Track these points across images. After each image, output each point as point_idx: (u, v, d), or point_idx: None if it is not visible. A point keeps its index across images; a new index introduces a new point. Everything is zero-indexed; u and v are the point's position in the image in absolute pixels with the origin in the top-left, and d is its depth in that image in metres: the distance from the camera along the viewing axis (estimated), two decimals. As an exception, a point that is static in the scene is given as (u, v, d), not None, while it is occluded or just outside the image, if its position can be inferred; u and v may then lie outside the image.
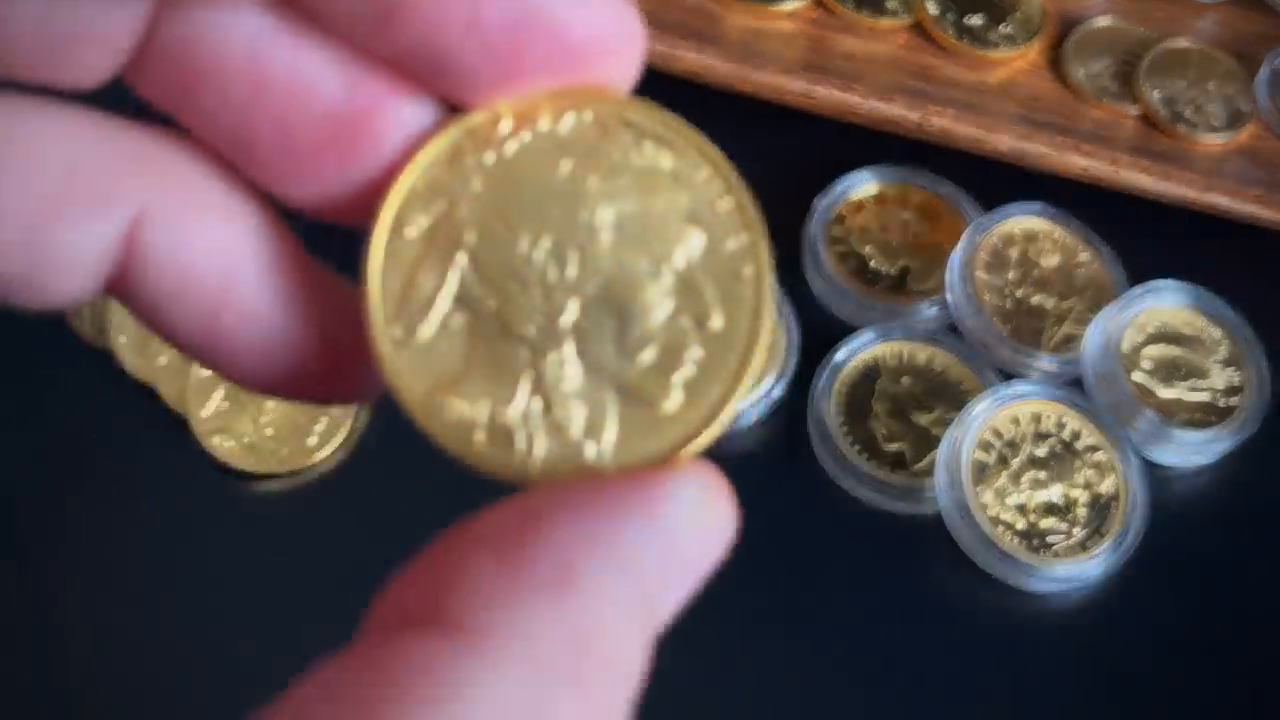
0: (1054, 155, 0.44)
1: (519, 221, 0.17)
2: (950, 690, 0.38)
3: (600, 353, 0.16)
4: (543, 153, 0.17)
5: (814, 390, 0.41)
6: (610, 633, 0.14)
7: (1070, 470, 0.40)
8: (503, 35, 0.16)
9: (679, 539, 0.15)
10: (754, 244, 0.17)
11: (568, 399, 0.16)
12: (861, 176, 0.45)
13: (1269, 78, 0.47)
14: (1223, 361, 0.43)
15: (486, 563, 0.14)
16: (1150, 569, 0.39)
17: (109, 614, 0.38)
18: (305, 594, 0.38)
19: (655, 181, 0.17)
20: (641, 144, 0.17)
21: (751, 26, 0.47)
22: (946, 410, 0.41)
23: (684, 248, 0.17)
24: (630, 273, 0.17)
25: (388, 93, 0.17)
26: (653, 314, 0.17)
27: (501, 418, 0.16)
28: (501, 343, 0.16)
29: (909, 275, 0.44)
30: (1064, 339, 0.43)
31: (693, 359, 0.17)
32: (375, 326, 0.16)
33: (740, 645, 0.38)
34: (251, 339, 0.17)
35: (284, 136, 0.17)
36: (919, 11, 0.47)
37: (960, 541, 0.39)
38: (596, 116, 0.17)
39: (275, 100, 0.17)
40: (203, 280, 0.17)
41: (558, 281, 0.17)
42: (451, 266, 0.17)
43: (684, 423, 0.16)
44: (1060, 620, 0.39)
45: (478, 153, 0.17)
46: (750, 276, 0.17)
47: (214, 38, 0.16)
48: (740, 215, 0.17)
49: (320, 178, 0.17)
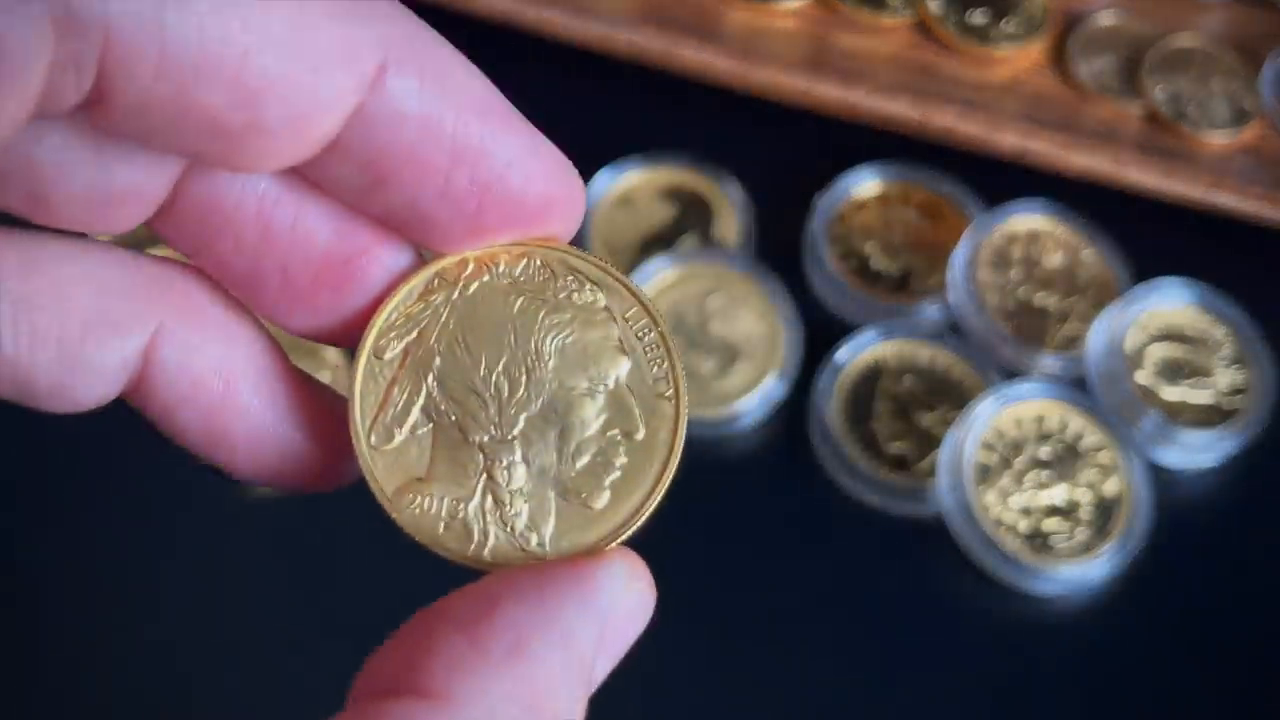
0: (1057, 153, 0.44)
1: (478, 347, 0.20)
2: (952, 692, 0.38)
3: (543, 458, 0.20)
4: (500, 291, 0.21)
5: (815, 390, 0.41)
6: (555, 694, 0.18)
7: (1074, 471, 0.40)
8: (470, 199, 0.20)
9: (609, 615, 0.18)
10: (672, 369, 0.20)
11: (515, 497, 0.20)
12: (863, 175, 0.45)
13: (1273, 76, 0.46)
14: (1227, 361, 0.42)
15: (454, 639, 0.17)
16: (1154, 571, 0.39)
17: (108, 613, 0.38)
18: (304, 594, 0.38)
19: (592, 316, 0.21)
20: (583, 285, 0.21)
21: (753, 24, 0.47)
22: (949, 410, 0.41)
23: (615, 371, 0.20)
24: (570, 392, 0.20)
25: (372, 241, 0.20)
26: (588, 427, 0.20)
27: (460, 513, 0.20)
28: (460, 449, 0.20)
29: (911, 274, 0.44)
30: (1067, 338, 0.43)
31: (620, 465, 0.20)
32: (356, 433, 0.20)
33: (741, 645, 0.38)
34: (247, 437, 0.21)
35: (286, 278, 0.20)
36: (921, 9, 0.47)
37: (962, 543, 0.39)
38: (544, 262, 0.21)
39: (279, 248, 0.20)
40: (207, 388, 0.20)
41: (509, 398, 0.20)
42: (420, 384, 0.20)
43: (612, 518, 0.20)
44: (1063, 622, 0.39)
45: (446, 290, 0.21)
46: (669, 396, 0.20)
47: (231, 196, 0.20)
48: (662, 344, 0.21)
49: (316, 311, 0.21)
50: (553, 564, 0.19)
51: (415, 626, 0.18)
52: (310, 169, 0.19)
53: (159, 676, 0.37)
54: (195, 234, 0.20)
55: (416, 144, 0.19)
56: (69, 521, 0.39)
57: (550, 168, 0.20)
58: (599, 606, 0.18)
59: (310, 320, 0.21)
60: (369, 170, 0.19)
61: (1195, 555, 0.40)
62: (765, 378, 0.41)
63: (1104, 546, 0.39)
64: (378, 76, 0.18)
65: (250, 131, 0.18)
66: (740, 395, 0.41)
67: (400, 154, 0.19)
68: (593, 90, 0.47)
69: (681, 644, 0.38)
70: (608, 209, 0.45)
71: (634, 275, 0.42)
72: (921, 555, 0.40)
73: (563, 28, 0.45)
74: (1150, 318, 0.43)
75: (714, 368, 0.42)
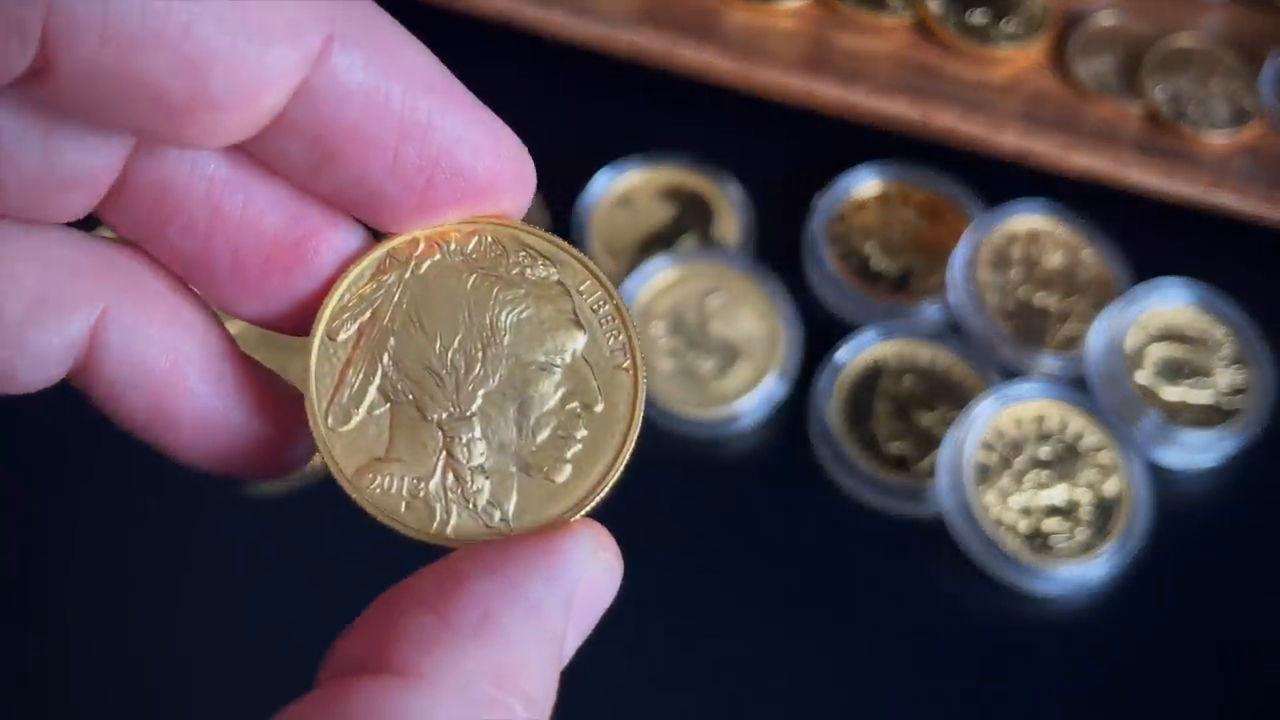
0: (1057, 153, 0.44)
1: (433, 325, 0.20)
2: (952, 693, 0.38)
3: (503, 434, 0.20)
4: (452, 268, 0.21)
5: (815, 390, 0.41)
6: (526, 666, 0.18)
7: (1073, 471, 0.40)
8: (419, 174, 0.20)
9: (577, 586, 0.19)
10: (629, 340, 0.21)
11: (476, 474, 0.20)
12: (863, 175, 0.45)
13: (1273, 76, 0.46)
14: (1227, 361, 0.42)
15: (422, 616, 0.17)
16: (1154, 571, 0.39)
17: (107, 612, 0.38)
18: (303, 593, 0.38)
19: (546, 291, 0.21)
20: (535, 261, 0.21)
21: (753, 24, 0.47)
22: (948, 410, 0.41)
23: (571, 345, 0.20)
24: (527, 367, 0.20)
25: (323, 223, 0.20)
26: (547, 401, 0.20)
27: (421, 491, 0.20)
28: (419, 427, 0.20)
29: (911, 274, 0.44)
30: (1067, 338, 0.43)
31: (580, 437, 0.20)
32: (314, 416, 0.20)
33: (741, 645, 0.38)
34: (193, 421, 0.21)
35: (236, 261, 0.20)
36: (921, 9, 0.47)
37: (962, 543, 0.39)
38: (496, 238, 0.21)
39: (229, 231, 0.20)
40: (153, 371, 0.20)
41: (466, 375, 0.20)
42: (376, 364, 0.20)
43: (574, 491, 0.20)
44: (1063, 622, 0.39)
45: (398, 270, 0.21)
46: (627, 367, 0.20)
47: (180, 179, 0.20)
48: (618, 316, 0.21)
49: (266, 296, 0.21)
50: (518, 538, 0.19)
51: (382, 606, 0.18)
52: (258, 146, 0.19)
53: (157, 674, 0.37)
54: (144, 219, 0.20)
55: (364, 119, 0.19)
56: (66, 521, 0.39)
57: (499, 144, 0.20)
58: (566, 578, 0.18)
59: (261, 305, 0.21)
60: (317, 146, 0.19)
61: (1195, 555, 0.40)
62: (765, 378, 0.41)
63: (1104, 546, 0.39)
64: (324, 50, 0.18)
65: (195, 104, 0.18)
66: (740, 395, 0.41)
67: (347, 129, 0.19)
68: (593, 90, 0.47)
69: (681, 643, 0.38)
70: (608, 209, 0.45)
71: (634, 275, 0.42)
72: (921, 555, 0.40)
73: (563, 28, 0.45)
74: (1150, 318, 0.43)
75: (714, 368, 0.42)
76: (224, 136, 0.18)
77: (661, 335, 0.42)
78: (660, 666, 0.38)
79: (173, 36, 0.17)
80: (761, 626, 0.39)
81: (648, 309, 0.42)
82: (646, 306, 0.42)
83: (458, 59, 0.55)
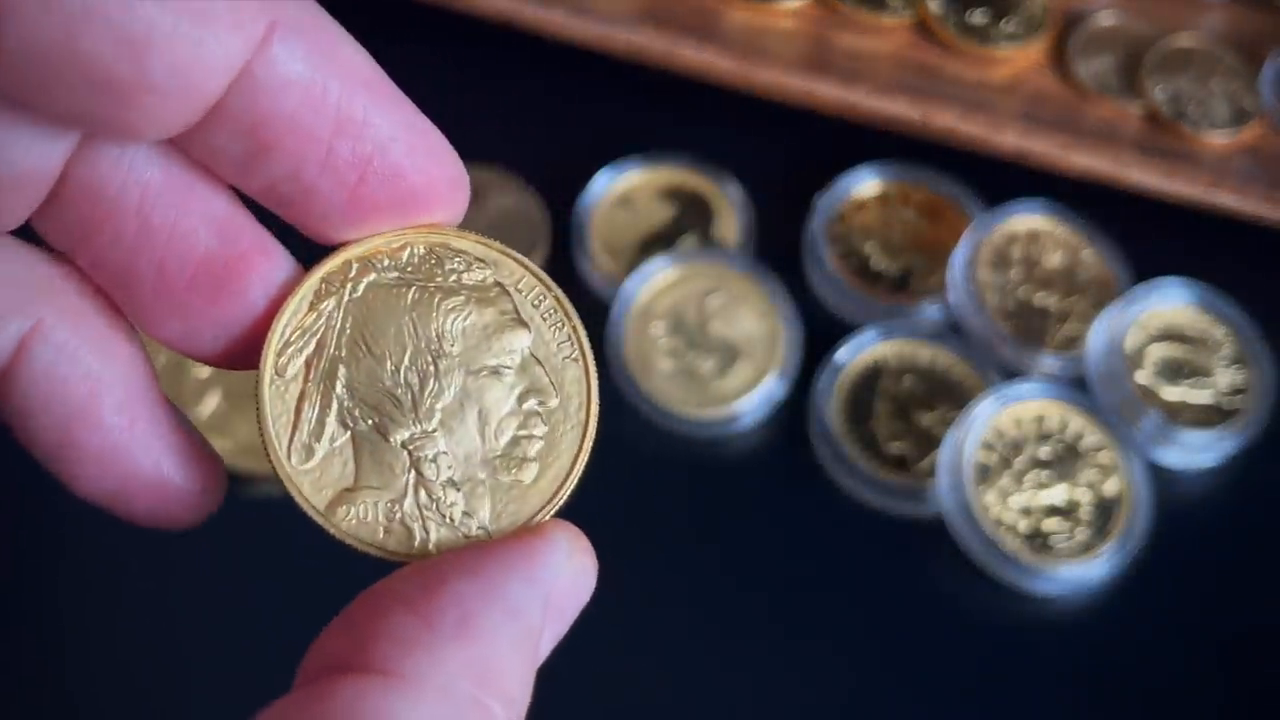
0: (1057, 153, 0.44)
1: (380, 346, 0.20)
2: (952, 692, 0.38)
3: (466, 444, 0.20)
4: (389, 286, 0.21)
5: (815, 390, 0.41)
6: (505, 665, 0.18)
7: (1073, 471, 0.40)
8: (351, 171, 0.20)
9: (553, 587, 0.19)
10: (574, 330, 0.21)
11: (447, 487, 0.20)
12: (863, 175, 0.45)
13: (1273, 76, 0.46)
14: (1227, 361, 0.42)
15: (403, 616, 0.18)
16: (1154, 571, 0.39)
17: (104, 614, 0.38)
18: (301, 595, 0.38)
19: (486, 294, 0.21)
20: (470, 265, 0.21)
21: (753, 24, 0.47)
22: (948, 410, 0.41)
23: (518, 344, 0.21)
24: (479, 374, 0.20)
25: (253, 249, 0.20)
26: (504, 404, 0.20)
27: (397, 514, 0.20)
28: (383, 451, 0.20)
29: (911, 274, 0.44)
30: (1067, 338, 0.43)
31: (541, 434, 0.20)
32: (275, 456, 0.20)
33: (741, 645, 0.38)
34: (98, 455, 0.20)
35: (160, 278, 0.20)
36: (921, 9, 0.47)
37: (962, 543, 0.39)
38: (428, 248, 0.21)
39: (157, 246, 0.20)
40: (71, 395, 0.20)
41: (421, 392, 0.20)
42: (330, 395, 0.20)
43: (544, 488, 0.20)
44: (1063, 622, 0.39)
45: (335, 295, 0.20)
46: (575, 357, 0.21)
47: (113, 186, 0.20)
48: (559, 309, 0.21)
49: (187, 318, 0.20)
50: (495, 541, 0.19)
51: (360, 607, 0.18)
52: (194, 138, 0.19)
53: (154, 675, 0.37)
54: (75, 227, 0.20)
55: (300, 110, 0.19)
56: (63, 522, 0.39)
57: (433, 147, 0.20)
58: (544, 578, 0.19)
59: (180, 328, 0.21)
60: (252, 137, 0.19)
61: (1195, 555, 0.40)
62: (765, 378, 0.41)
63: (1104, 546, 0.39)
64: (265, 38, 0.18)
65: (137, 86, 0.17)
66: (740, 395, 0.41)
67: (283, 120, 0.19)
68: (593, 90, 0.47)
69: (681, 643, 0.38)
70: (608, 209, 0.45)
71: (634, 275, 0.42)
72: (921, 555, 0.40)
73: (563, 28, 0.45)
74: (1150, 318, 0.43)
75: (714, 368, 0.42)
76: (164, 124, 0.18)
77: (661, 335, 0.42)
78: (660, 666, 0.38)
79: (116, 13, 0.17)
80: (762, 627, 0.39)
81: (648, 309, 0.42)
82: (646, 306, 0.42)
83: (458, 59, 0.55)
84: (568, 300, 0.21)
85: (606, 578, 0.41)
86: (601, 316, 0.42)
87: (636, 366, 0.41)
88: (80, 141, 0.19)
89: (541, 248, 0.44)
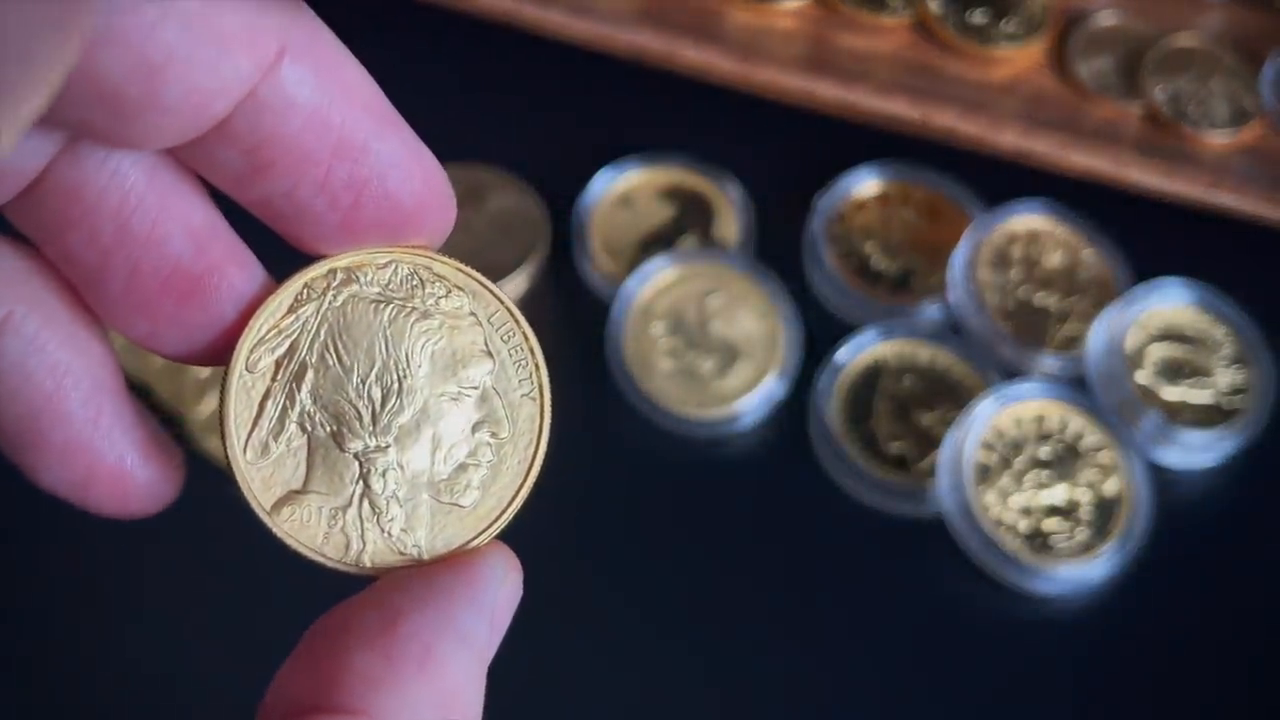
0: (1057, 153, 0.44)
1: (350, 357, 0.21)
2: (951, 692, 0.38)
3: (416, 463, 0.20)
4: (368, 300, 0.21)
5: (815, 390, 0.41)
6: (463, 691, 0.19)
7: (1073, 471, 0.40)
8: (347, 193, 0.20)
9: (495, 608, 0.20)
10: (536, 369, 0.21)
11: (391, 502, 0.20)
12: (863, 175, 0.45)
13: (1273, 76, 0.46)
14: (1227, 361, 0.42)
15: (366, 655, 0.18)
16: (1154, 571, 0.39)
17: (103, 614, 0.38)
18: (299, 595, 0.38)
19: (459, 322, 0.21)
20: (449, 291, 0.21)
21: (753, 24, 0.47)
22: (948, 410, 0.41)
23: (481, 375, 0.21)
24: (440, 398, 0.21)
25: (227, 259, 0.21)
26: (458, 430, 0.21)
27: (339, 521, 0.20)
28: (336, 459, 0.20)
29: (911, 274, 0.44)
30: (1067, 338, 0.43)
31: (488, 463, 0.21)
32: (231, 447, 0.20)
33: (741, 645, 0.38)
34: (61, 447, 0.21)
35: (132, 278, 0.20)
36: (921, 9, 0.47)
37: (962, 543, 0.39)
38: (412, 269, 0.21)
39: (131, 249, 0.20)
40: (38, 387, 0.20)
41: (382, 407, 0.20)
42: (294, 397, 0.20)
43: (483, 515, 0.21)
44: (1063, 622, 0.39)
45: (315, 301, 0.21)
46: (533, 396, 0.21)
47: (95, 187, 0.20)
48: (525, 346, 0.21)
49: (156, 319, 0.20)
50: (438, 566, 0.20)
51: (320, 644, 0.19)
52: (193, 150, 0.19)
53: (153, 676, 0.37)
54: (50, 220, 0.20)
55: (303, 133, 0.19)
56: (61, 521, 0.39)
57: (427, 173, 0.21)
58: (487, 601, 0.19)
59: (147, 328, 0.21)
60: (253, 156, 0.19)
61: (1195, 555, 0.40)
62: (765, 378, 0.41)
63: (1104, 546, 0.39)
64: (274, 62, 0.19)
65: (146, 106, 0.18)
66: (740, 395, 0.41)
67: (285, 142, 0.19)
68: (593, 90, 0.47)
69: (681, 643, 0.38)
70: (608, 209, 0.45)
71: (634, 275, 0.42)
72: (921, 555, 0.40)
73: (563, 28, 0.45)
74: (1150, 318, 0.43)
75: (714, 368, 0.42)
76: (165, 139, 0.19)
77: (661, 335, 0.42)
78: (660, 666, 0.38)
79: (136, 37, 0.17)
80: (761, 626, 0.39)
81: (648, 309, 0.42)
82: (646, 306, 0.42)
83: (458, 59, 0.55)
84: (534, 338, 0.21)
85: (607, 578, 0.41)
86: (601, 316, 0.42)
87: (636, 366, 0.41)
88: (67, 141, 0.19)
89: (541, 248, 0.44)
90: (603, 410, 0.41)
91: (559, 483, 0.40)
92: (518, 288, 0.43)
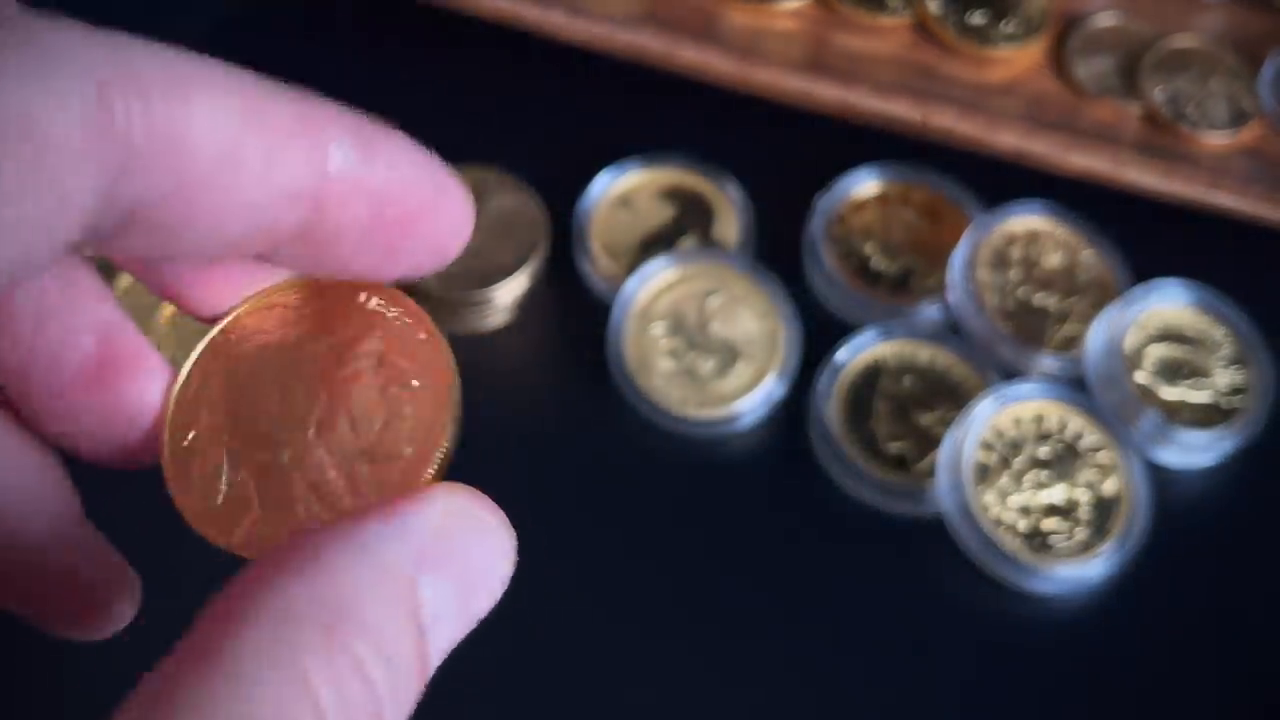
0: (1056, 154, 0.44)
1: (260, 390, 0.22)
2: (951, 693, 0.38)
3: (346, 444, 0.21)
4: (259, 344, 0.22)
5: (815, 390, 0.41)
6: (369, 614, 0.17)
7: (1073, 471, 0.40)
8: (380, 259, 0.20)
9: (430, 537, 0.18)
10: (415, 315, 0.22)
11: (335, 486, 0.21)
12: (863, 175, 0.45)
13: (1273, 76, 0.47)
14: (1226, 361, 0.42)
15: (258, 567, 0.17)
16: (1153, 571, 0.39)
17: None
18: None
19: (331, 308, 0.22)
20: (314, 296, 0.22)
21: (752, 25, 0.47)
22: (948, 410, 0.41)
23: (369, 345, 0.22)
24: (344, 382, 0.21)
25: (131, 355, 0.21)
26: (369, 397, 0.21)
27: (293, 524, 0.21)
28: (275, 476, 0.21)
29: (910, 274, 0.44)
30: (1066, 338, 0.43)
31: (410, 413, 0.21)
32: (182, 506, 0.21)
33: (740, 645, 0.38)
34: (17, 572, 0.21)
35: (51, 378, 0.20)
36: (921, 9, 0.47)
37: (962, 543, 0.39)
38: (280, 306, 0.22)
39: (50, 349, 0.20)
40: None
41: (299, 414, 0.21)
42: (219, 447, 0.21)
43: (421, 465, 0.21)
44: (1062, 622, 0.39)
45: (221, 362, 0.22)
46: (423, 337, 0.21)
47: (17, 297, 0.20)
48: (394, 303, 0.22)
49: (80, 417, 0.21)
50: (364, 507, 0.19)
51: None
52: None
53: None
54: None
55: (366, 219, 0.19)
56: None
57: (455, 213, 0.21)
58: (409, 526, 0.18)
59: (72, 428, 0.21)
60: (299, 241, 0.19)
61: (1194, 555, 0.40)
62: (765, 378, 0.41)
63: (1103, 546, 0.39)
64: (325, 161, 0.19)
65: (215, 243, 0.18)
66: (740, 395, 0.41)
67: (354, 231, 0.19)
68: (593, 90, 0.47)
69: (680, 643, 0.38)
70: (608, 209, 0.45)
71: (634, 275, 0.42)
72: (921, 555, 0.40)
73: (563, 28, 0.45)
74: (1149, 318, 0.43)
75: (714, 368, 0.42)
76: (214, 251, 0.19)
77: (661, 335, 0.42)
78: (659, 666, 0.38)
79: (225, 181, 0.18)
80: (761, 626, 0.39)
81: (648, 309, 0.42)
82: (646, 307, 0.42)
83: (458, 59, 0.55)
84: (399, 291, 0.22)
85: (606, 578, 0.41)
86: (602, 317, 0.42)
87: (636, 366, 0.41)
88: None
89: (541, 248, 0.44)
90: (603, 410, 0.41)
91: (559, 483, 0.41)
92: (518, 288, 0.43)
